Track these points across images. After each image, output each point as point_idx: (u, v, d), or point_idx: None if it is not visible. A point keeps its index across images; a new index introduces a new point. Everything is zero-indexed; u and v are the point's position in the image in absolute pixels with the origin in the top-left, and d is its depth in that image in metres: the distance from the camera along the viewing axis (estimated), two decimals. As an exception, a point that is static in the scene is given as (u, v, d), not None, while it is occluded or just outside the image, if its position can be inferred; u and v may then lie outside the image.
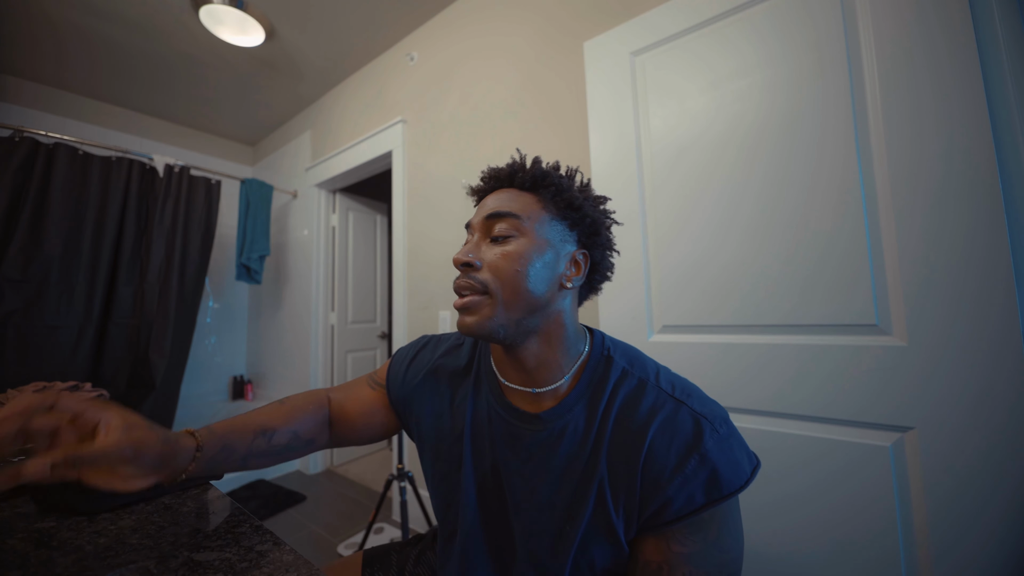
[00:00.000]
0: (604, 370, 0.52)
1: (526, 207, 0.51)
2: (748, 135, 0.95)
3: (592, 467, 0.48)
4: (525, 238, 0.49)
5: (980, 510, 0.70)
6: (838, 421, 0.83)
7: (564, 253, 0.52)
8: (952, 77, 0.74)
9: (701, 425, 0.45)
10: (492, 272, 0.49)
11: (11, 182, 1.78)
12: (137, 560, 0.43)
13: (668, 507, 0.44)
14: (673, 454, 0.44)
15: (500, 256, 0.49)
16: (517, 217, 0.50)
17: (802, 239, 0.88)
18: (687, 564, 0.43)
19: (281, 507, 2.11)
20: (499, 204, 0.51)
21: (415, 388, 0.63)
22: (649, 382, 0.50)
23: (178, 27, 1.97)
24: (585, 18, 1.44)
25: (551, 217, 0.51)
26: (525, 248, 0.49)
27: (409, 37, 2.12)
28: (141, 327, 2.06)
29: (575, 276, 0.52)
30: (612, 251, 0.57)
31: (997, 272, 0.69)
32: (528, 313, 0.49)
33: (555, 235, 0.51)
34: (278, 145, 3.09)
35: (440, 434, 0.60)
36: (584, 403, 0.51)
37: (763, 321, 0.92)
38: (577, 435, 0.50)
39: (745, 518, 0.91)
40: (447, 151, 1.89)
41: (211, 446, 0.49)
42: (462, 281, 0.50)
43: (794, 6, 0.91)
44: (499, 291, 0.48)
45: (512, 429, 0.53)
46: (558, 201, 0.52)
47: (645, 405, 0.48)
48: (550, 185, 0.52)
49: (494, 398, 0.56)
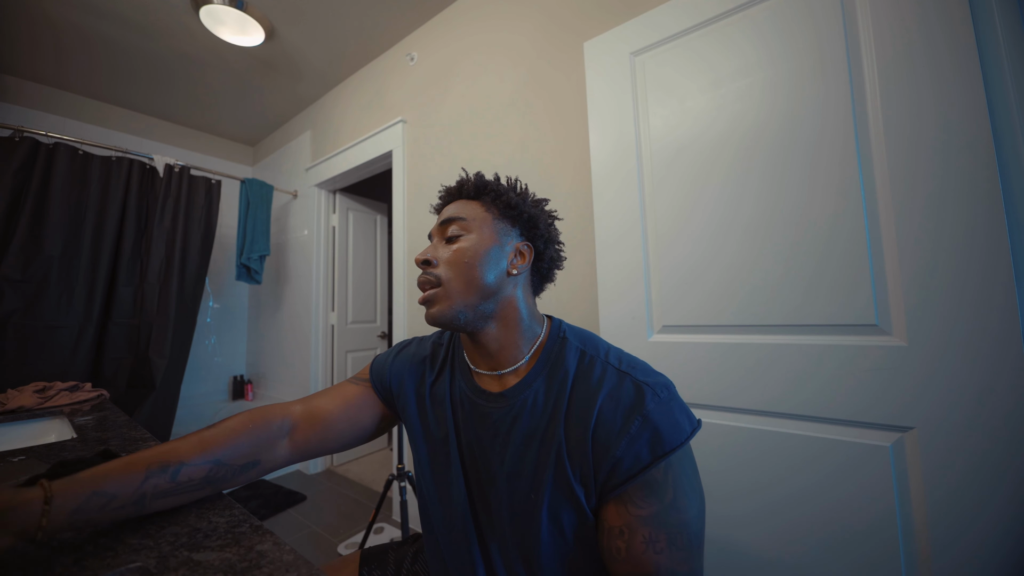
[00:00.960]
0: (560, 350, 0.58)
1: (472, 211, 0.60)
2: (748, 135, 0.95)
3: (551, 436, 0.53)
4: (472, 235, 0.58)
5: (980, 510, 0.70)
6: (838, 421, 0.83)
7: (508, 246, 0.60)
8: (952, 77, 0.74)
9: (643, 391, 0.50)
10: (446, 266, 0.57)
11: (11, 182, 1.78)
12: (137, 560, 0.43)
13: (619, 467, 0.48)
14: (619, 417, 0.49)
15: (452, 252, 0.58)
16: (464, 219, 0.59)
17: (802, 239, 0.88)
18: (646, 526, 0.47)
19: (281, 507, 2.11)
20: (450, 212, 0.61)
21: (402, 378, 0.68)
22: (599, 358, 0.56)
23: (178, 27, 1.97)
24: (585, 16, 1.44)
25: (494, 218, 0.60)
26: (472, 244, 0.57)
27: (409, 37, 2.12)
28: (141, 327, 2.06)
29: (520, 264, 0.60)
30: (556, 243, 0.65)
31: (997, 272, 0.69)
32: (482, 299, 0.57)
33: (498, 232, 0.60)
34: (278, 145, 3.09)
35: (425, 419, 0.65)
36: (543, 379, 0.57)
37: (763, 321, 0.92)
38: (537, 408, 0.55)
39: (745, 518, 0.92)
40: (447, 151, 1.89)
41: (70, 496, 0.43)
42: (422, 277, 0.58)
43: (795, 5, 0.91)
44: (452, 281, 0.56)
45: (480, 409, 0.59)
46: (498, 203, 0.61)
47: (595, 377, 0.54)
48: (490, 191, 0.61)
49: (465, 383, 0.62)
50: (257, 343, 3.17)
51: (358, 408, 0.68)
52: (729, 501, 0.94)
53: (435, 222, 0.63)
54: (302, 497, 2.22)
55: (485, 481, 0.58)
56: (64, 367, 1.85)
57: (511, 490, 0.55)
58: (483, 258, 0.57)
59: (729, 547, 0.94)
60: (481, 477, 0.58)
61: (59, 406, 1.21)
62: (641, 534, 0.47)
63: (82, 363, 1.92)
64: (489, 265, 0.57)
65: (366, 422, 0.68)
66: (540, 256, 0.63)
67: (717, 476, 0.95)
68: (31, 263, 1.79)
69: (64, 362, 1.86)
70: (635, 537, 0.47)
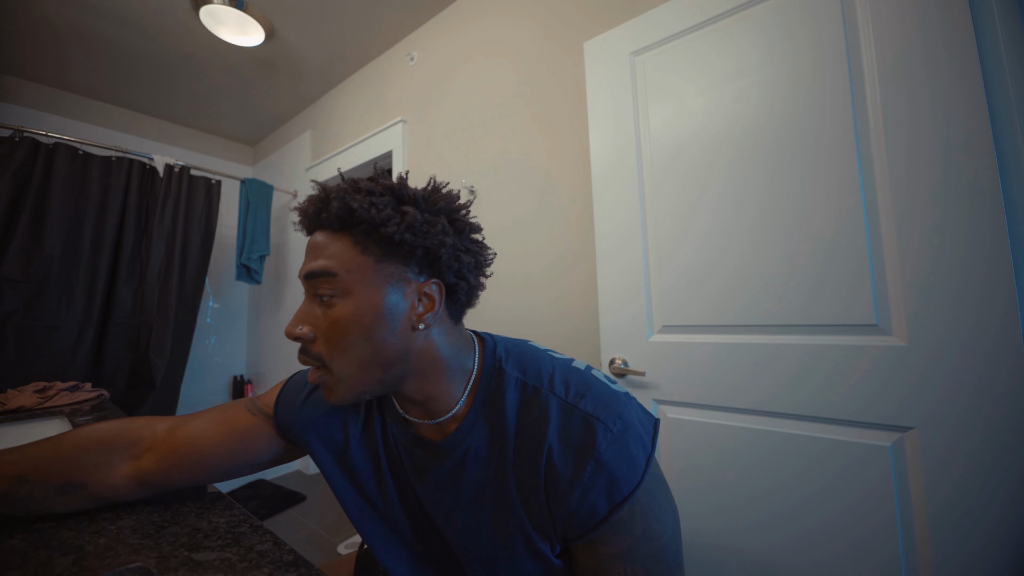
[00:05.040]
0: (497, 384, 0.49)
1: (342, 258, 0.43)
2: (748, 135, 0.95)
3: (502, 489, 0.46)
4: (351, 297, 0.43)
5: (981, 509, 0.70)
6: (838, 421, 0.83)
7: (405, 296, 0.44)
8: (952, 77, 0.74)
9: (593, 428, 0.43)
10: (326, 344, 0.44)
11: (11, 182, 1.78)
12: (137, 560, 0.43)
13: (575, 520, 0.43)
14: (570, 464, 0.43)
15: (328, 324, 0.43)
16: (334, 275, 0.43)
17: (804, 241, 0.88)
18: (620, 563, 0.42)
19: (281, 507, 2.11)
20: (313, 259, 0.44)
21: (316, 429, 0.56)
22: (543, 388, 0.47)
23: (178, 27, 1.97)
24: (585, 15, 1.44)
25: (376, 260, 0.43)
26: (352, 310, 0.43)
27: (409, 37, 2.12)
28: (141, 327, 2.06)
29: (428, 313, 0.45)
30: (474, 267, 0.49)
31: (997, 272, 0.69)
32: (384, 371, 0.45)
33: (385, 281, 0.44)
34: (278, 145, 3.09)
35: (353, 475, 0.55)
36: (482, 422, 0.48)
37: (764, 321, 0.92)
38: (480, 457, 0.48)
39: (745, 518, 0.92)
40: (447, 151, 1.89)
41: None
42: (302, 358, 0.45)
43: (795, 5, 0.91)
44: (338, 363, 0.43)
45: (418, 461, 0.51)
46: (375, 240, 0.43)
47: (539, 415, 0.45)
48: (359, 223, 0.43)
49: (399, 430, 0.52)
50: (257, 343, 3.17)
51: (245, 442, 0.56)
52: (725, 499, 0.94)
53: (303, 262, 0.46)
54: (302, 497, 2.22)
55: (434, 536, 0.52)
56: (64, 367, 1.85)
57: (466, 545, 0.49)
58: (372, 327, 0.43)
59: (720, 543, 0.94)
60: (429, 531, 0.52)
61: (59, 406, 1.21)
62: (616, 571, 0.43)
63: (82, 363, 1.92)
64: (383, 332, 0.43)
65: (253, 457, 0.57)
66: (453, 290, 0.48)
67: (715, 474, 0.95)
68: (31, 263, 1.79)
69: (64, 362, 1.86)
70: (611, 575, 0.43)
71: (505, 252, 1.62)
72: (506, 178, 1.65)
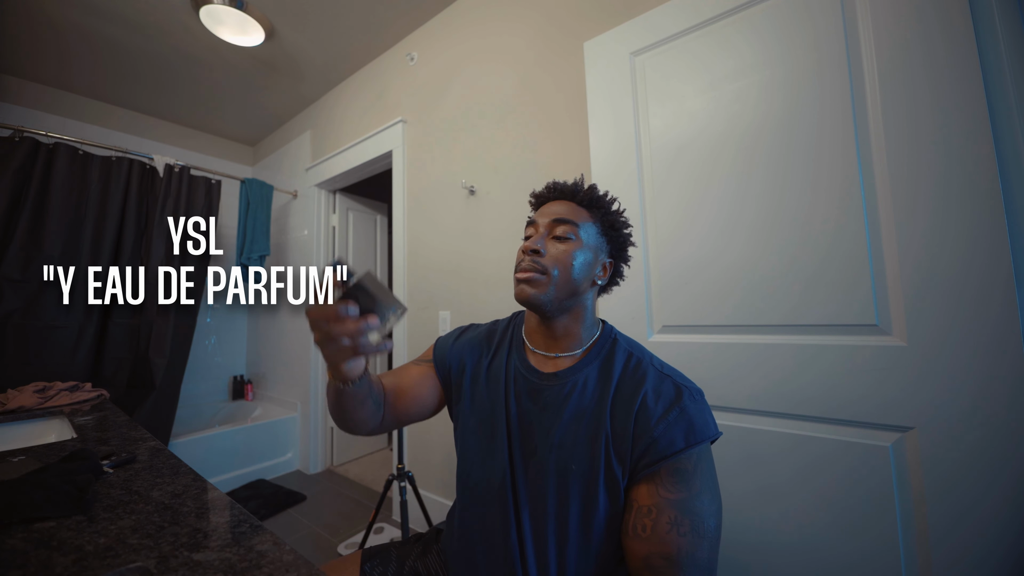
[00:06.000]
0: (611, 348, 0.66)
1: (582, 220, 0.66)
2: (749, 135, 0.95)
3: (598, 419, 0.59)
4: (579, 241, 0.64)
5: (980, 509, 0.70)
6: (838, 421, 0.83)
7: (600, 259, 0.67)
8: (952, 77, 0.74)
9: (682, 390, 0.58)
10: (554, 260, 0.63)
11: (11, 182, 1.78)
12: (137, 560, 0.43)
13: (654, 447, 0.54)
14: (660, 407, 0.57)
15: (562, 251, 0.63)
16: (576, 225, 0.65)
17: (804, 239, 0.88)
18: (674, 509, 0.52)
19: (281, 507, 2.11)
20: (564, 212, 0.66)
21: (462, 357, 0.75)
22: (644, 360, 0.64)
23: (178, 27, 1.97)
24: (586, 17, 1.44)
25: (597, 231, 0.67)
26: (578, 248, 0.64)
27: (409, 37, 2.12)
28: (141, 327, 2.06)
29: (602, 277, 0.68)
30: (627, 264, 0.72)
31: (997, 272, 0.69)
32: (569, 295, 0.64)
33: (597, 245, 0.67)
34: (278, 145, 3.09)
35: (478, 392, 0.71)
36: (595, 367, 0.64)
37: (764, 321, 0.92)
38: (587, 391, 0.62)
39: (744, 519, 0.92)
40: (448, 151, 1.89)
41: None
42: (529, 263, 0.63)
43: (794, 6, 0.91)
44: (556, 275, 0.62)
45: (533, 385, 0.66)
46: (604, 220, 0.68)
47: (640, 374, 0.61)
48: (602, 207, 0.68)
49: (519, 361, 0.70)
50: (257, 343, 3.17)
51: (421, 385, 0.74)
52: (727, 499, 0.94)
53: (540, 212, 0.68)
54: (302, 497, 2.22)
55: (528, 452, 0.63)
56: (64, 367, 1.85)
57: (554, 460, 0.60)
58: (583, 265, 0.64)
59: (725, 538, 0.94)
60: (525, 448, 0.64)
61: (59, 406, 1.21)
62: (668, 515, 0.51)
63: (82, 363, 1.92)
64: (585, 272, 0.64)
65: (428, 400, 0.74)
66: (615, 273, 0.71)
67: (718, 474, 0.95)
68: (31, 263, 1.79)
69: (64, 362, 1.86)
70: (662, 517, 0.52)
71: (506, 253, 1.62)
72: (506, 178, 1.65)
